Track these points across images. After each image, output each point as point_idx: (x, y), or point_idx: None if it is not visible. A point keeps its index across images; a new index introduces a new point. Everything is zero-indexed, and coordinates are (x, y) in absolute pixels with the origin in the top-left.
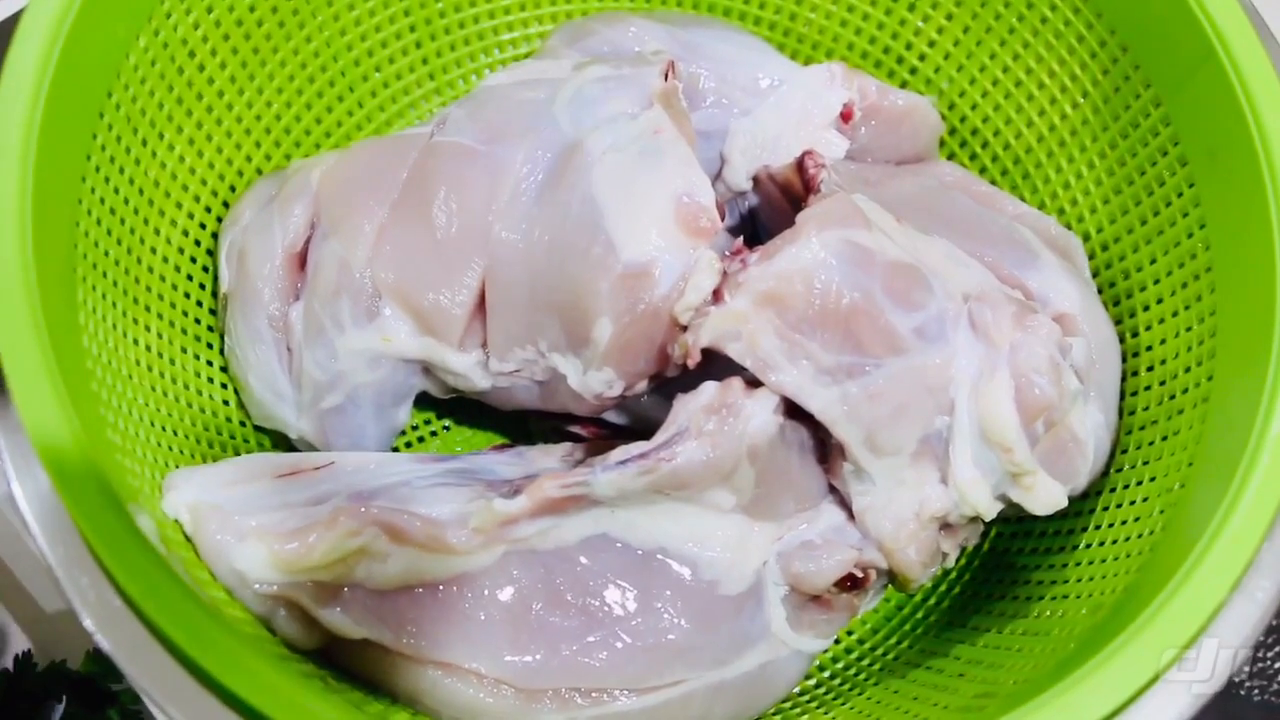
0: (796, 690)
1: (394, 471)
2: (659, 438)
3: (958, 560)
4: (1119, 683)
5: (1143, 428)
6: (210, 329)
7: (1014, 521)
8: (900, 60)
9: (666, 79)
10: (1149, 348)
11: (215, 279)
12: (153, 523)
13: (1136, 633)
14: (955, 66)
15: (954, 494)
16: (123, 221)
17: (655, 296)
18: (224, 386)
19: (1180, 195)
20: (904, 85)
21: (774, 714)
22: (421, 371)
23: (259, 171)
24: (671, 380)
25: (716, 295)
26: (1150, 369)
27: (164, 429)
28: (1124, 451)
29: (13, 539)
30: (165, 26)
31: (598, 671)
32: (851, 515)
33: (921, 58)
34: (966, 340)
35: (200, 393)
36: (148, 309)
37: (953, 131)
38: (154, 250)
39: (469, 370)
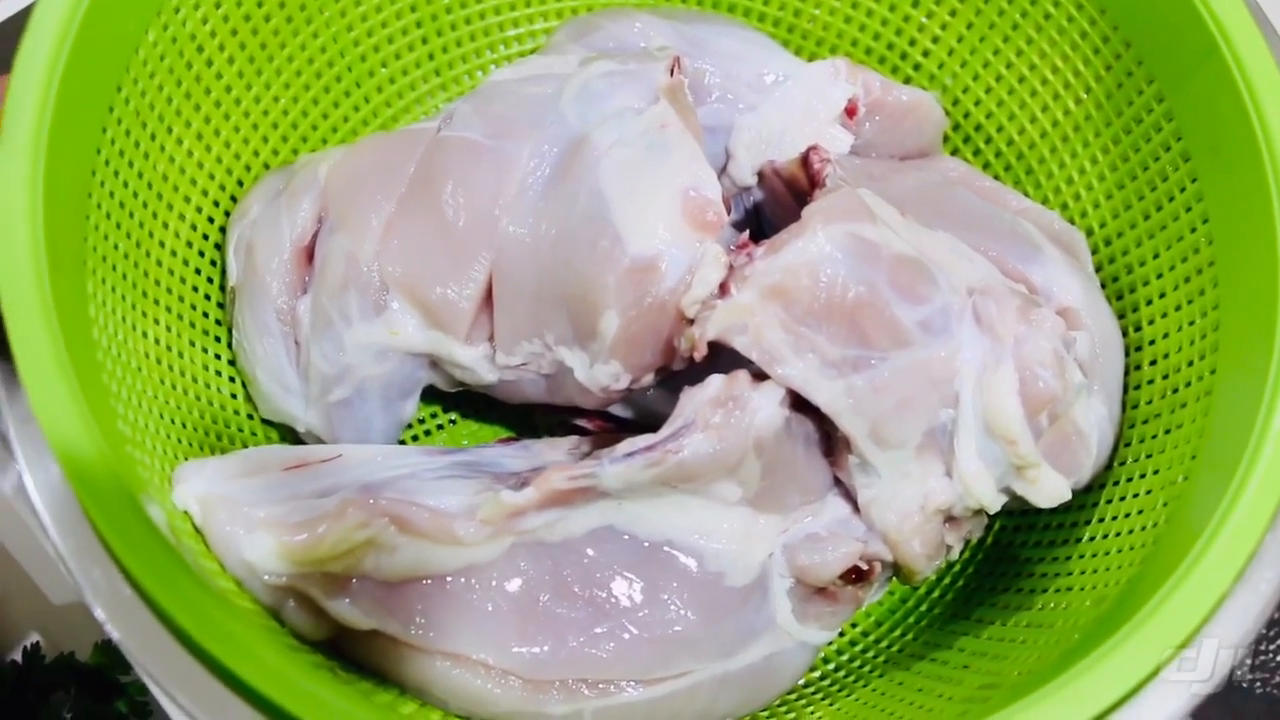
0: (801, 682)
1: (401, 464)
2: (666, 430)
3: (962, 553)
4: (1124, 673)
5: (1146, 421)
6: (218, 322)
7: (1018, 514)
8: (904, 56)
9: (672, 74)
10: (1152, 341)
11: (223, 273)
12: (163, 514)
13: (1141, 624)
14: (959, 62)
15: (958, 486)
16: (132, 215)
17: (662, 290)
18: (232, 380)
19: (1183, 190)
20: (908, 81)
21: (779, 705)
22: (428, 365)
23: (266, 166)
24: (678, 373)
25: (723, 289)
26: (1153, 363)
27: (173, 421)
28: (1127, 444)
29: (22, 531)
30: (174, 22)
31: (604, 663)
32: (856, 508)
33: (925, 54)
34: (971, 334)
35: (208, 385)
36: (157, 302)
37: (956, 127)
38: (163, 244)
39: (476, 364)
